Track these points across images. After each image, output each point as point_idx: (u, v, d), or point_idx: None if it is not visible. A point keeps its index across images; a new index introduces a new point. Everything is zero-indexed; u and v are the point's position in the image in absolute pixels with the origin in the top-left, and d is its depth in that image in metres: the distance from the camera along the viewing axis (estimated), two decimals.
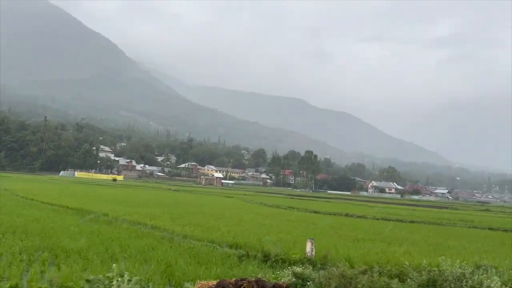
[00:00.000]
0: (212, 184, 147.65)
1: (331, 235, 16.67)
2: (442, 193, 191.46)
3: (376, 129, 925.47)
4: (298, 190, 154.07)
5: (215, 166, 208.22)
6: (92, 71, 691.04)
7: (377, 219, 28.96)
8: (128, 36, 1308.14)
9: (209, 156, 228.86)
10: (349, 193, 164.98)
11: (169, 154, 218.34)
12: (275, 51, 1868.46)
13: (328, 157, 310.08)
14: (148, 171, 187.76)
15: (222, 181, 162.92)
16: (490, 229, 27.46)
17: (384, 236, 17.14)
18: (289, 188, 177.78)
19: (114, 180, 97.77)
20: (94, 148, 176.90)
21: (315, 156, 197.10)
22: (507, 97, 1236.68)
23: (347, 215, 30.42)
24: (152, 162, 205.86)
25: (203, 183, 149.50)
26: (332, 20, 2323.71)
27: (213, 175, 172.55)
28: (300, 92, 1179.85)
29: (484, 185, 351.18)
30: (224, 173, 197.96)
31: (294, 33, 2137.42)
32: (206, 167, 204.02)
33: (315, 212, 31.92)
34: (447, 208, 75.58)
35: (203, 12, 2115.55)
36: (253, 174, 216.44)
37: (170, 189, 69.82)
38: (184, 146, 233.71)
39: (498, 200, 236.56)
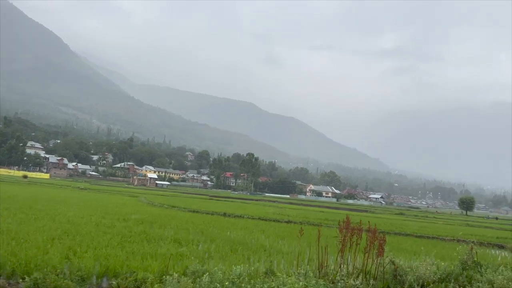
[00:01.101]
0: (145, 185, 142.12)
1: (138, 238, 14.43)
2: (376, 198, 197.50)
3: (322, 135, 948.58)
4: (236, 193, 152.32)
5: (154, 167, 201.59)
6: (33, 63, 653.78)
7: (253, 218, 27.26)
8: (74, 30, 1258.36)
9: (149, 157, 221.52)
10: (288, 196, 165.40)
11: (106, 153, 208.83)
12: (227, 54, 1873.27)
13: (274, 160, 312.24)
14: (80, 170, 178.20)
15: (157, 182, 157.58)
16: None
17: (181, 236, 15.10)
18: (229, 190, 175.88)
19: (25, 177, 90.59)
20: (21, 144, 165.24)
21: (256, 159, 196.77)
22: (446, 109, 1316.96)
23: (224, 214, 28.48)
24: (86, 161, 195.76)
25: (135, 183, 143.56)
26: (283, 27, 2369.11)
27: (146, 176, 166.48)
28: (251, 96, 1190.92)
29: (420, 192, 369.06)
30: (163, 174, 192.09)
31: (246, 37, 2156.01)
32: (144, 168, 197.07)
33: (194, 211, 29.73)
34: (366, 211, 76.78)
35: (152, 10, 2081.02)
36: (193, 176, 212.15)
37: (79, 187, 65.72)
38: (122, 145, 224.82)
39: (430, 206, 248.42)
